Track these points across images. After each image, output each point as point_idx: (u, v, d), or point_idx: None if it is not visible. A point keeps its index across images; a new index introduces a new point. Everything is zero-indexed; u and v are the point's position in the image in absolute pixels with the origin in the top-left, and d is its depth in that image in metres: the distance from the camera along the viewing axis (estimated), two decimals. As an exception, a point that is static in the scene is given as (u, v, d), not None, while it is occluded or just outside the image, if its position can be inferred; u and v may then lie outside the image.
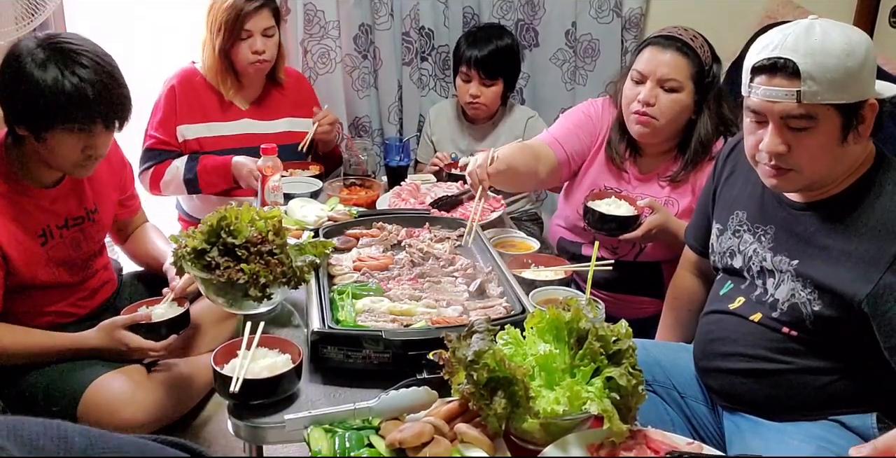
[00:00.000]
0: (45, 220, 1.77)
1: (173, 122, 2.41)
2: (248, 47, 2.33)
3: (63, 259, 1.82)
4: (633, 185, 2.05)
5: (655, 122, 1.90)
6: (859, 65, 1.24)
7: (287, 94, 2.54)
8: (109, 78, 1.63)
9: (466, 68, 2.58)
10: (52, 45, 1.60)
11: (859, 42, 1.25)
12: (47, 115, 1.58)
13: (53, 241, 1.79)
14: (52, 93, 1.56)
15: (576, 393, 1.08)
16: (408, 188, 2.21)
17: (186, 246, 1.47)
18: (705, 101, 1.92)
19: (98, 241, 1.94)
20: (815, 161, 1.30)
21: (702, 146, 1.95)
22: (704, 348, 1.55)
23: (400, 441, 1.07)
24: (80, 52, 1.60)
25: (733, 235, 1.54)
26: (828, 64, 1.23)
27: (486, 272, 1.62)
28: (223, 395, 1.28)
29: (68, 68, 1.57)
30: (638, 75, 1.92)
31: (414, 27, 2.83)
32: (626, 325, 1.16)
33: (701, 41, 1.92)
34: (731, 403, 1.50)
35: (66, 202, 1.82)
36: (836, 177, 1.35)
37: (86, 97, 1.58)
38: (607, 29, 2.93)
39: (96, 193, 1.91)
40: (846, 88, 1.24)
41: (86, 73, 1.58)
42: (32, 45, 1.60)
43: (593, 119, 2.10)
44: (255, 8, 2.30)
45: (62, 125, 1.59)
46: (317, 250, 1.56)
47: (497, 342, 1.16)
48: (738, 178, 1.56)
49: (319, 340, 1.33)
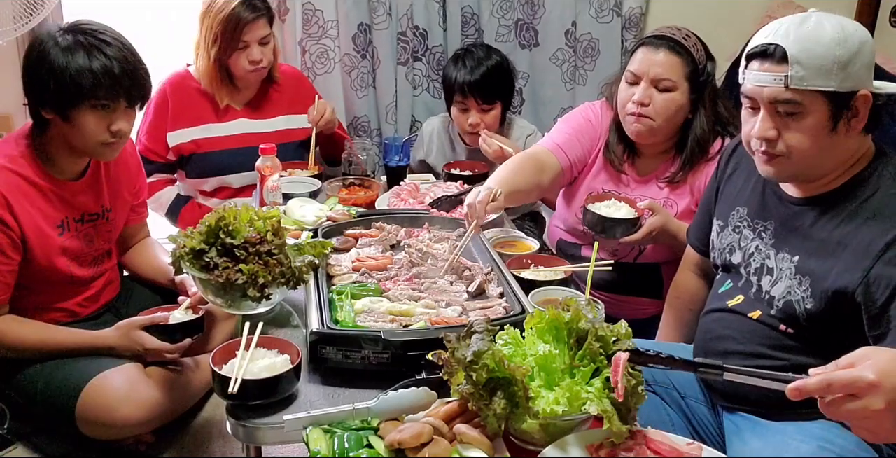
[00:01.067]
0: (65, 211, 1.81)
1: (162, 129, 2.40)
2: (246, 57, 2.32)
3: (76, 252, 1.84)
4: (631, 187, 2.05)
5: (651, 122, 1.90)
6: (850, 54, 1.25)
7: (283, 92, 2.53)
8: (133, 56, 1.71)
9: (462, 97, 2.48)
10: (75, 29, 1.69)
11: (854, 33, 1.27)
12: (76, 93, 1.65)
13: (70, 233, 1.82)
14: (80, 72, 1.64)
15: (575, 394, 1.08)
16: (407, 188, 2.20)
17: (185, 246, 1.47)
18: (701, 99, 1.92)
19: (109, 240, 1.96)
20: (804, 147, 1.32)
21: (699, 146, 1.95)
22: (704, 346, 1.55)
23: (399, 442, 1.07)
24: (103, 32, 1.70)
25: (733, 231, 1.54)
26: (816, 50, 1.25)
27: (486, 273, 1.62)
28: (222, 395, 1.28)
29: (95, 48, 1.66)
30: (632, 76, 1.92)
31: (410, 26, 2.83)
32: (626, 325, 1.16)
33: (694, 40, 1.92)
34: (730, 402, 1.50)
35: (85, 197, 1.86)
36: (829, 169, 1.36)
37: (112, 75, 1.66)
38: (607, 28, 2.93)
39: (112, 193, 1.93)
40: (833, 75, 1.25)
41: (111, 51, 1.67)
42: (55, 31, 1.69)
43: (593, 123, 2.09)
44: (251, 19, 2.28)
45: (89, 102, 1.66)
46: (316, 251, 1.56)
47: (496, 343, 1.16)
48: (741, 175, 1.56)
49: (318, 340, 1.33)
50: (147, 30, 2.87)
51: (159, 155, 2.43)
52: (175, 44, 2.75)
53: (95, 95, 1.65)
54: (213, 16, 2.28)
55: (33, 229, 1.73)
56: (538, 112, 3.05)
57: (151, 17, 2.88)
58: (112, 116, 1.70)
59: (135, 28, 2.85)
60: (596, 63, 2.97)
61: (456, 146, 2.69)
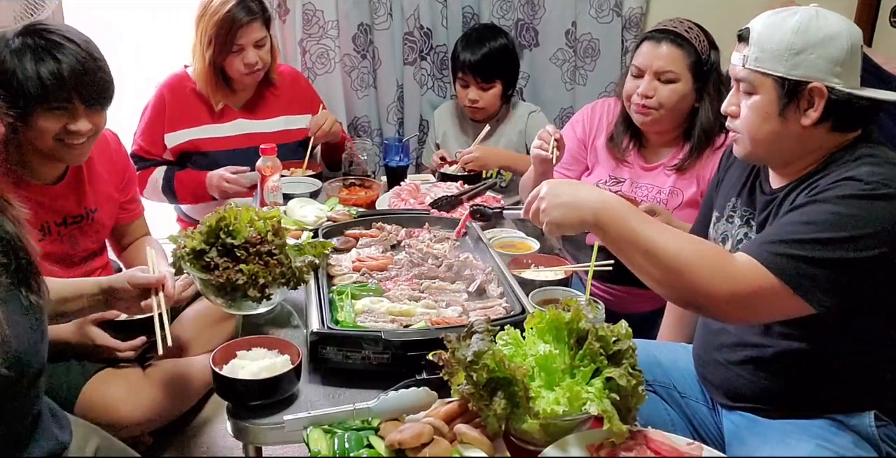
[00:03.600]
0: (45, 216, 1.78)
1: (159, 131, 2.40)
2: (241, 60, 2.31)
3: (59, 256, 1.82)
4: (638, 174, 2.10)
5: (655, 112, 1.97)
6: (805, 44, 1.28)
7: (280, 93, 2.52)
8: (87, 58, 1.63)
9: (463, 73, 2.61)
10: (28, 32, 1.62)
11: (824, 27, 1.28)
12: (27, 99, 1.59)
13: (51, 237, 1.79)
14: (28, 78, 1.58)
15: (576, 394, 1.08)
16: (407, 188, 2.20)
17: (185, 247, 1.47)
18: (705, 88, 1.97)
19: (97, 240, 1.94)
20: (753, 127, 1.37)
21: (705, 133, 2.00)
22: (704, 340, 1.56)
23: (399, 442, 1.07)
24: (54, 34, 1.62)
25: (727, 220, 1.57)
26: (773, 35, 1.31)
27: (486, 273, 1.62)
28: (222, 396, 1.28)
29: (44, 50, 1.59)
30: (636, 70, 1.99)
31: (416, 26, 2.83)
32: (626, 325, 1.16)
33: (696, 31, 1.97)
34: (729, 399, 1.50)
35: (66, 201, 1.82)
36: (793, 157, 1.38)
37: (62, 79, 1.59)
38: (607, 29, 2.93)
39: (96, 193, 1.91)
40: (784, 61, 1.30)
41: (63, 53, 1.60)
42: (10, 34, 1.63)
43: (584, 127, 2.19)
44: (246, 22, 2.27)
45: (41, 106, 1.61)
46: (316, 251, 1.56)
47: (497, 343, 1.16)
48: (738, 166, 1.58)
49: (319, 340, 1.33)
50: (146, 30, 2.89)
51: (155, 155, 2.43)
52: (173, 44, 2.76)
53: (46, 100, 1.60)
54: (208, 18, 2.27)
55: None
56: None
57: (150, 18, 2.88)
58: (71, 118, 1.64)
59: (133, 28, 2.86)
60: (596, 63, 2.98)
61: (465, 125, 2.76)
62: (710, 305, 1.26)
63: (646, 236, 1.26)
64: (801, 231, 1.24)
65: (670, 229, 1.30)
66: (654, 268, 1.27)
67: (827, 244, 1.22)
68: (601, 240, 1.34)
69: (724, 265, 1.25)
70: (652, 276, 1.28)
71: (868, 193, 1.23)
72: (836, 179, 1.28)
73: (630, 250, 1.29)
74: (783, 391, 1.42)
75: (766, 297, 1.24)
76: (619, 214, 1.29)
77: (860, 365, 1.37)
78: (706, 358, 1.54)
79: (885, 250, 1.22)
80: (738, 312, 1.27)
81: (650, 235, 1.27)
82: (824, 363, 1.37)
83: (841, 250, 1.21)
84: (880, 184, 1.23)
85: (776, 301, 1.24)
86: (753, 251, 1.26)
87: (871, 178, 1.24)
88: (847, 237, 1.22)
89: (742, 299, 1.24)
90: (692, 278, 1.24)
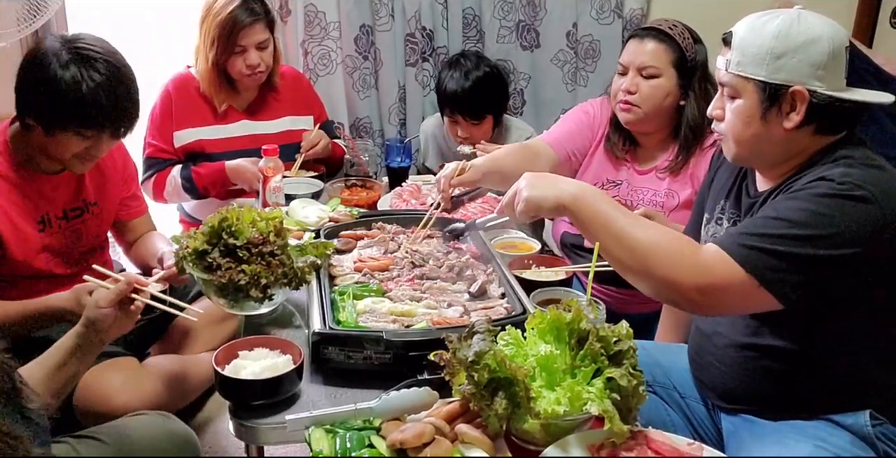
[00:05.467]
0: (45, 207, 1.80)
1: (170, 128, 2.40)
2: (243, 61, 2.32)
3: (59, 249, 1.83)
4: (633, 178, 2.09)
5: (638, 109, 1.97)
6: (786, 48, 1.28)
7: (282, 96, 2.53)
8: (122, 87, 1.68)
9: (451, 112, 2.55)
10: (74, 48, 1.65)
11: (806, 31, 1.28)
12: (63, 116, 1.63)
13: (51, 229, 1.81)
14: (70, 97, 1.61)
15: (576, 394, 1.08)
16: (408, 189, 2.21)
17: (188, 247, 1.47)
18: (690, 85, 1.97)
19: (99, 235, 1.95)
20: (736, 130, 1.38)
21: (692, 131, 1.99)
22: (697, 342, 1.56)
23: (401, 442, 1.07)
24: (97, 59, 1.65)
25: (716, 222, 1.57)
26: (754, 40, 1.31)
27: (487, 273, 1.62)
28: (224, 396, 1.29)
29: (87, 72, 1.63)
30: (621, 67, 2.00)
31: (418, 28, 2.84)
32: (627, 326, 1.16)
33: (680, 28, 1.97)
34: (724, 400, 1.50)
35: (66, 190, 1.84)
36: (777, 159, 1.38)
37: (98, 104, 1.63)
38: (608, 30, 2.93)
39: (97, 187, 1.92)
40: (764, 65, 1.30)
41: (101, 79, 1.64)
42: (57, 45, 1.65)
43: (591, 115, 2.15)
44: (248, 23, 2.28)
45: (74, 129, 1.65)
46: (318, 251, 1.57)
47: (498, 343, 1.16)
48: (727, 168, 1.58)
49: (320, 340, 1.34)
50: (148, 31, 2.89)
51: (170, 153, 2.43)
52: (176, 45, 2.76)
53: (83, 125, 1.65)
54: (211, 19, 2.29)
55: (9, 227, 1.71)
56: (539, 113, 3.06)
57: (151, 19, 2.89)
58: (94, 143, 1.70)
59: (138, 29, 2.86)
60: (597, 64, 2.98)
61: (451, 146, 2.71)
62: (679, 295, 1.29)
63: (618, 222, 1.32)
64: (770, 225, 1.26)
65: (645, 220, 1.34)
66: (624, 253, 1.31)
67: (795, 240, 1.23)
68: (575, 224, 1.38)
69: (691, 255, 1.28)
70: (623, 263, 1.32)
71: (839, 192, 1.24)
72: (811, 178, 1.30)
73: (602, 234, 1.33)
74: (776, 392, 1.42)
75: (733, 288, 1.25)
76: (596, 198, 1.37)
77: (850, 365, 1.37)
78: (700, 360, 1.55)
79: (856, 250, 1.23)
80: (707, 303, 1.29)
81: (623, 222, 1.32)
82: (815, 364, 1.37)
83: (808, 247, 1.23)
84: (853, 185, 1.24)
85: (743, 293, 1.26)
86: (722, 243, 1.28)
87: (844, 178, 1.25)
88: (814, 235, 1.23)
89: (709, 289, 1.26)
90: (659, 266, 1.27)
